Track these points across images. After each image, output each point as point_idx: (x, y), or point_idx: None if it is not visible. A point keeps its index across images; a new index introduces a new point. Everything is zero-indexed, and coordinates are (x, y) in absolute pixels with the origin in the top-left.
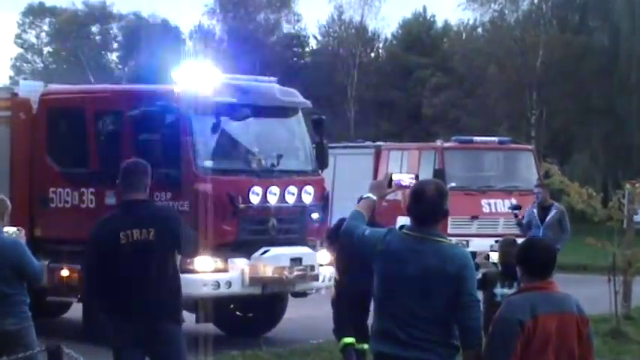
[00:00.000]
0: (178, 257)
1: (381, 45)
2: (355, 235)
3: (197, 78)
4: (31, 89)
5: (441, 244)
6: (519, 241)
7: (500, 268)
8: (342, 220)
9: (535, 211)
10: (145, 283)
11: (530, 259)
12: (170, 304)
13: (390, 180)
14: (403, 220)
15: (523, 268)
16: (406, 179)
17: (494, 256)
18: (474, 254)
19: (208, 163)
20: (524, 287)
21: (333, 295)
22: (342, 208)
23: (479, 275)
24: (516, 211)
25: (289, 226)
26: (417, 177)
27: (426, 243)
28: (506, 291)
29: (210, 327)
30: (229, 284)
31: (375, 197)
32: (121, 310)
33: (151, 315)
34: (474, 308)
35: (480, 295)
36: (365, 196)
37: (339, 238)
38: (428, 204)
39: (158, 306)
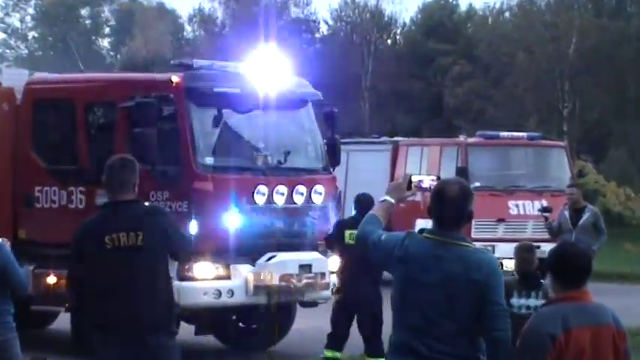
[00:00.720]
0: (175, 263)
1: (398, 31)
2: (370, 241)
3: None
4: (14, 78)
5: (466, 248)
6: (549, 246)
7: (516, 276)
8: (339, 222)
9: (567, 213)
10: (134, 291)
11: (563, 266)
12: (162, 314)
13: (410, 181)
14: (422, 224)
15: (554, 276)
16: (427, 181)
17: (510, 264)
18: None
19: (209, 160)
20: (556, 298)
21: (335, 299)
22: None
23: None
24: (546, 214)
25: (298, 230)
26: (438, 178)
27: (449, 248)
28: (523, 302)
29: (210, 339)
30: (232, 293)
31: (393, 200)
32: (108, 321)
33: (140, 327)
34: (501, 318)
35: None
36: (382, 199)
37: (342, 243)
38: (451, 205)
39: (148, 317)
